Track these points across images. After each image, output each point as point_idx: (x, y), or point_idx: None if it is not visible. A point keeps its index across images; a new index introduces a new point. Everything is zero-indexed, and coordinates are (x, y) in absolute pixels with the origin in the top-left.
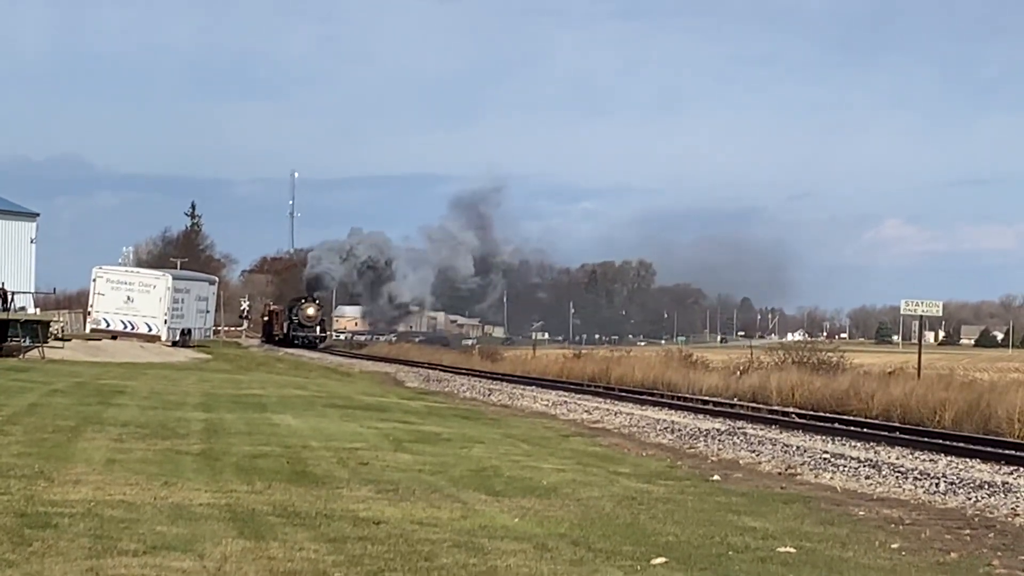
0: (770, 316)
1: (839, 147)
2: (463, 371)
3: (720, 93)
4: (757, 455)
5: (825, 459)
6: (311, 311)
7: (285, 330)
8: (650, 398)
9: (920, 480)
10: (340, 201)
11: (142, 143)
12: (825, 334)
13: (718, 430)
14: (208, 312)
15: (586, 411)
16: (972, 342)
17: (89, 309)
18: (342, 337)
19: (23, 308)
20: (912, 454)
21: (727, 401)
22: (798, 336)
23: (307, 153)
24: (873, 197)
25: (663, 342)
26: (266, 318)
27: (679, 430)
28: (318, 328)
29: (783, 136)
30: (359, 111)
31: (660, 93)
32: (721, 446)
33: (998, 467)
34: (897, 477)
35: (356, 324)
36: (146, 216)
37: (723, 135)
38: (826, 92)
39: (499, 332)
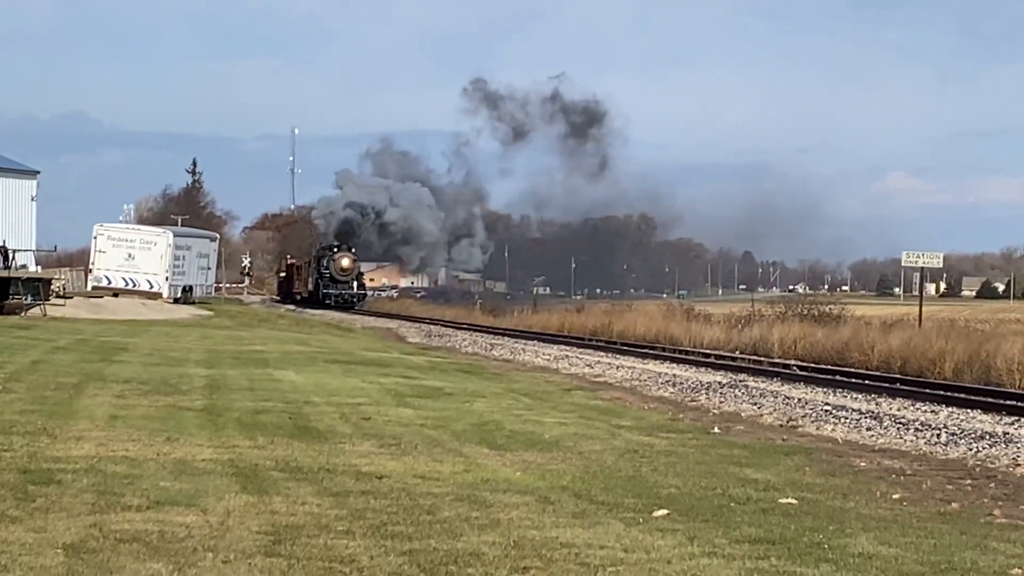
0: (771, 269)
1: (848, 100)
2: (465, 326)
3: (729, 47)
4: (759, 407)
5: (826, 411)
6: (346, 262)
7: (311, 287)
8: (652, 352)
9: (921, 431)
10: (347, 158)
11: (149, 100)
12: (827, 287)
13: (720, 383)
14: (209, 269)
15: (588, 365)
16: (973, 294)
17: (90, 267)
18: None
19: (24, 266)
20: (913, 405)
21: (728, 354)
22: (797, 289)
23: (314, 110)
24: (881, 150)
25: (664, 296)
26: (283, 274)
27: (681, 383)
28: (355, 283)
29: (792, 90)
30: (368, 67)
31: (669, 47)
32: (723, 399)
33: (999, 417)
34: (898, 428)
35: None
36: (152, 173)
37: (732, 89)
38: (835, 45)
39: (501, 287)
